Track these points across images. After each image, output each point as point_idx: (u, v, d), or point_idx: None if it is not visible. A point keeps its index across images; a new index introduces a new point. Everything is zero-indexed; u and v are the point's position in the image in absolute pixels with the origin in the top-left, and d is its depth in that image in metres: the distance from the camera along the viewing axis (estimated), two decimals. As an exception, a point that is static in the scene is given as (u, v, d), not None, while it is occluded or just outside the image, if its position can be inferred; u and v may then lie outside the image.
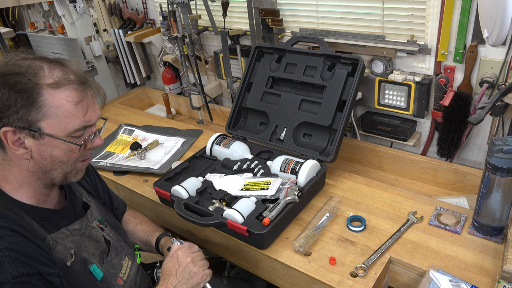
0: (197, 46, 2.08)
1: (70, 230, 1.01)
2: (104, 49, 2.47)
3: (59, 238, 0.97)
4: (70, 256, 0.96)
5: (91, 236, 1.06)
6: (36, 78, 0.87)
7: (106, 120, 1.08)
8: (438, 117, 1.53)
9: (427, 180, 1.60)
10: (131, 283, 1.11)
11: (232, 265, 1.74)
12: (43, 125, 0.88)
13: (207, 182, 1.40)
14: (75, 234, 1.02)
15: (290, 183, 1.30)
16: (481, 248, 1.13)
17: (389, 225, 1.25)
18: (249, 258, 1.28)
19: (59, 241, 0.96)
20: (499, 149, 1.01)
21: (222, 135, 1.60)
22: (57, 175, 0.97)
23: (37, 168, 0.94)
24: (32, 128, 0.88)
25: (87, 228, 1.06)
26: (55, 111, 0.88)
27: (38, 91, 0.87)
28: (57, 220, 1.00)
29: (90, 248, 1.04)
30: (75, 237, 1.01)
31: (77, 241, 1.01)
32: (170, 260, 1.10)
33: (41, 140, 0.90)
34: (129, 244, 1.22)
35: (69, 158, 0.95)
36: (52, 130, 0.90)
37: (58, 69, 0.91)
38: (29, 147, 0.90)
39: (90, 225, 1.08)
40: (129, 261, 1.15)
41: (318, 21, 1.69)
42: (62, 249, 0.96)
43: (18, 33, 3.05)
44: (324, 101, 1.49)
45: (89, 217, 1.09)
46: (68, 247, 0.97)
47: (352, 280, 1.08)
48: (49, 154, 0.92)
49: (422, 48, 1.45)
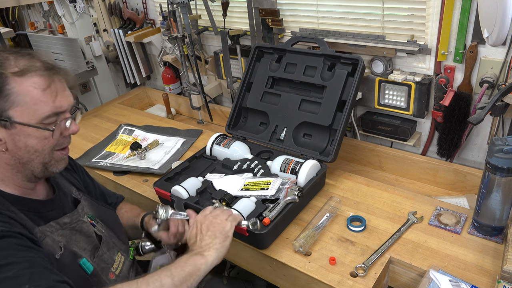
0: (197, 46, 2.08)
1: (59, 223, 1.01)
2: (104, 49, 2.47)
3: (47, 231, 0.96)
4: (59, 248, 0.96)
5: (82, 231, 1.05)
6: (1, 68, 0.88)
7: (78, 109, 1.04)
8: (438, 117, 1.53)
9: (427, 180, 1.60)
10: (123, 278, 1.10)
11: (232, 265, 1.74)
12: (13, 113, 0.89)
13: (207, 182, 1.40)
14: (65, 228, 1.01)
15: (290, 183, 1.30)
16: (481, 248, 1.13)
17: (389, 225, 1.25)
18: (249, 258, 1.28)
19: (48, 233, 0.96)
20: (499, 149, 1.01)
21: (222, 135, 1.60)
22: (36, 166, 0.96)
23: (14, 161, 0.94)
24: (2, 117, 0.88)
25: (77, 222, 1.05)
26: (23, 99, 0.89)
27: (4, 80, 0.87)
28: (45, 212, 1.00)
29: (81, 243, 1.04)
30: (65, 231, 1.01)
31: (67, 235, 1.01)
32: (193, 228, 1.07)
33: (13, 130, 0.90)
34: (123, 240, 1.20)
35: (44, 146, 0.94)
36: (23, 118, 0.89)
37: (24, 58, 0.92)
38: (2, 138, 0.90)
39: (81, 219, 1.07)
40: (122, 256, 1.14)
41: (318, 21, 1.69)
42: (51, 241, 0.95)
43: (18, 33, 3.05)
44: (324, 101, 1.49)
45: (80, 211, 1.09)
46: (57, 240, 0.97)
47: (352, 280, 1.08)
48: (24, 143, 0.92)
49: (422, 48, 1.45)
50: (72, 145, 1.96)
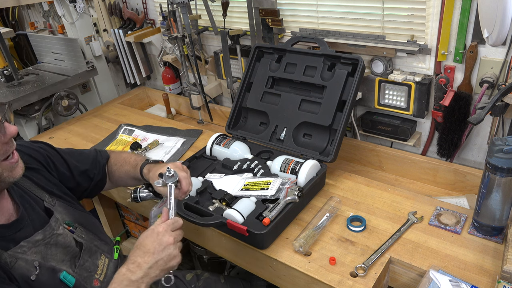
0: (197, 46, 2.08)
1: (32, 242, 0.97)
2: (104, 49, 2.47)
3: (18, 253, 0.93)
4: (34, 268, 0.93)
5: (58, 244, 1.02)
6: None
7: (6, 105, 0.93)
8: (438, 117, 1.53)
9: (427, 180, 1.60)
10: (108, 283, 1.09)
11: (232, 265, 1.75)
12: None
13: (207, 182, 1.40)
14: (38, 245, 0.97)
15: (290, 183, 1.30)
16: (481, 248, 1.13)
17: (389, 225, 1.25)
18: (249, 258, 1.28)
19: (20, 255, 0.93)
20: (499, 149, 1.01)
21: (222, 135, 1.60)
22: None
23: None
24: None
25: (52, 237, 1.01)
26: None
27: None
28: (12, 234, 0.95)
29: (58, 255, 1.01)
30: (39, 247, 0.97)
31: (42, 251, 0.97)
32: (150, 234, 0.98)
33: None
34: (106, 240, 1.17)
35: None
36: None
37: None
38: None
39: (55, 232, 1.03)
40: (106, 259, 1.12)
41: (318, 21, 1.69)
42: (24, 263, 0.92)
43: (18, 33, 3.05)
44: (324, 101, 1.49)
45: (53, 224, 1.04)
46: (31, 260, 0.94)
47: (352, 280, 1.08)
48: None
49: (422, 48, 1.45)
50: (72, 145, 1.97)
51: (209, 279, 1.45)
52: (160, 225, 0.99)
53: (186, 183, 1.11)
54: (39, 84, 2.16)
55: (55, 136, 2.04)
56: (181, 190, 1.11)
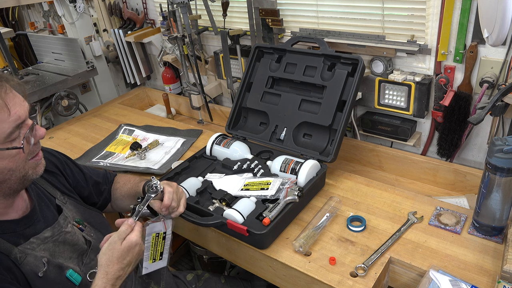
0: (197, 46, 2.08)
1: (40, 238, 0.98)
2: (104, 49, 2.47)
3: (28, 249, 0.94)
4: (43, 265, 0.94)
5: (66, 241, 1.03)
6: None
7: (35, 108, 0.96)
8: (438, 117, 1.53)
9: (427, 180, 1.60)
10: None
11: (232, 265, 1.75)
12: None
13: (207, 182, 1.40)
14: (47, 242, 0.99)
15: (290, 183, 1.30)
16: (481, 248, 1.13)
17: (389, 225, 1.25)
18: (249, 258, 1.28)
19: (29, 252, 0.94)
20: (499, 149, 1.01)
21: (222, 135, 1.60)
22: (13, 183, 0.92)
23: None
24: None
25: (60, 234, 1.03)
26: None
27: None
28: (22, 230, 0.97)
29: (66, 252, 1.02)
30: (47, 244, 0.99)
31: (50, 249, 0.99)
32: (106, 251, 0.97)
33: None
34: None
35: (17, 163, 0.90)
36: None
37: None
38: None
39: (63, 230, 1.04)
40: None
41: (318, 21, 1.69)
42: (33, 259, 0.94)
43: (18, 33, 3.05)
44: (324, 101, 1.49)
45: (62, 222, 1.06)
46: (40, 256, 0.95)
47: (352, 280, 1.08)
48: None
49: (422, 48, 1.45)
50: (72, 145, 1.97)
51: (210, 280, 1.45)
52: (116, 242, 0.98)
53: (168, 198, 1.10)
54: (39, 84, 2.16)
55: (55, 136, 2.04)
56: (162, 203, 1.10)
